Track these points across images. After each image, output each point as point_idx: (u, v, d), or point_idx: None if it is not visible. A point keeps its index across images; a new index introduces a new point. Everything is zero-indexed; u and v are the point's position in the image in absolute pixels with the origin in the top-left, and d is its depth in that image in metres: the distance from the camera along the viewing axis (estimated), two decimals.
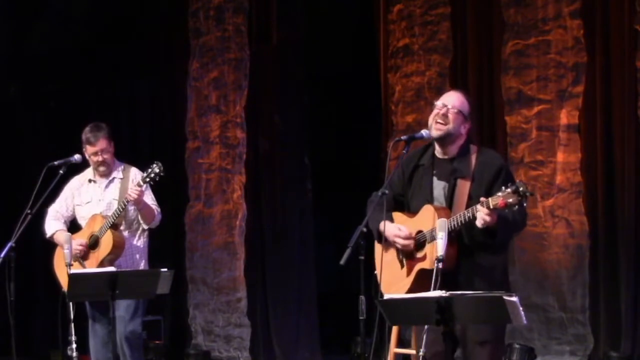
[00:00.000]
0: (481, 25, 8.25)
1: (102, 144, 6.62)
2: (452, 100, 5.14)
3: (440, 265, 4.78)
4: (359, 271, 4.99)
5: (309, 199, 9.18)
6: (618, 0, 7.60)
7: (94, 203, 6.69)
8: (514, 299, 4.30)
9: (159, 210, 6.68)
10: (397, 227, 5.13)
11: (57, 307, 6.36)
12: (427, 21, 8.49)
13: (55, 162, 6.51)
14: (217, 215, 9.35)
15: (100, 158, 6.63)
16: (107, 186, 6.69)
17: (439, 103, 5.15)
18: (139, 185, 6.37)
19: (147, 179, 6.36)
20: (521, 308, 4.32)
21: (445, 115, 5.08)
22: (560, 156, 7.81)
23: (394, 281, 5.15)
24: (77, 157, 6.58)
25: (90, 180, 6.75)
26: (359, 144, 9.28)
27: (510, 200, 4.67)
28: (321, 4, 9.25)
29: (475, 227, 4.87)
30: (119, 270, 6.18)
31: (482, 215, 4.76)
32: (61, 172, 6.48)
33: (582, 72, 7.73)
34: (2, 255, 6.04)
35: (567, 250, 7.78)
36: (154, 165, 6.38)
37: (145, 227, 6.66)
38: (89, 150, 6.66)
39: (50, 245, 6.93)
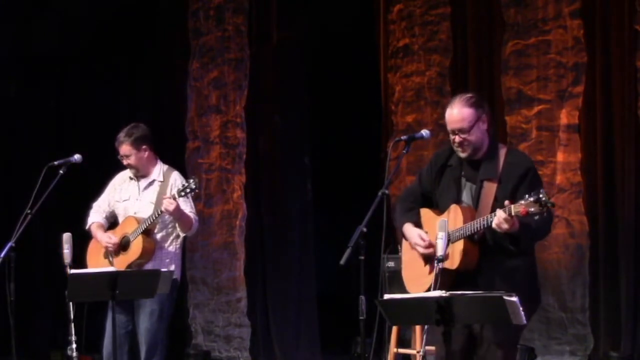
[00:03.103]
0: (481, 25, 8.25)
1: (124, 149, 6.59)
2: (458, 124, 5.02)
3: (440, 265, 4.78)
4: (359, 271, 4.99)
5: (309, 199, 9.18)
6: (618, 0, 7.60)
7: (131, 202, 6.67)
8: (514, 299, 4.31)
9: (196, 218, 6.62)
10: (419, 236, 5.12)
11: (57, 307, 6.36)
12: (427, 21, 8.50)
13: (55, 162, 6.49)
14: (217, 215, 9.35)
15: (125, 162, 6.63)
16: (146, 187, 6.65)
17: (449, 128, 5.05)
18: (174, 198, 6.33)
19: (182, 194, 6.34)
20: (521, 308, 4.33)
21: (462, 143, 5.03)
22: (560, 156, 7.82)
23: (416, 278, 5.17)
24: (77, 157, 6.57)
25: (131, 178, 6.74)
26: (359, 144, 9.27)
27: (532, 209, 4.65)
28: (321, 4, 9.25)
29: (499, 232, 4.86)
30: (118, 270, 6.18)
31: (498, 218, 4.74)
32: (61, 172, 6.46)
33: (582, 72, 7.74)
34: (2, 255, 6.03)
35: (567, 250, 7.78)
36: (191, 180, 6.34)
37: (182, 234, 6.62)
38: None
39: (50, 245, 6.93)
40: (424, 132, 5.25)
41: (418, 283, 5.13)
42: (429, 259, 5.12)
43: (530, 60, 7.96)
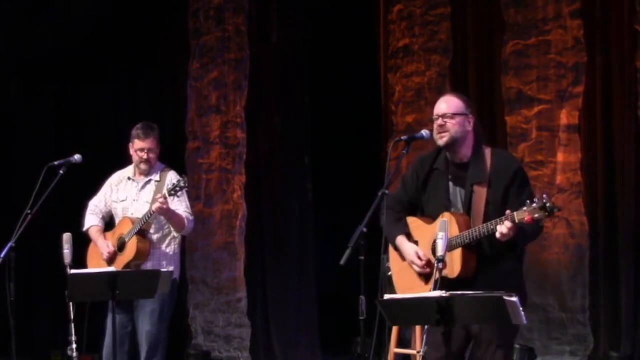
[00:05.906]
0: (481, 25, 8.26)
1: (151, 142, 6.58)
2: (442, 108, 5.08)
3: (441, 265, 4.77)
4: (359, 271, 4.98)
5: (309, 199, 9.18)
6: (618, 0, 7.60)
7: (128, 202, 6.67)
8: (514, 299, 4.31)
9: (191, 218, 6.60)
10: (416, 253, 5.11)
11: (57, 307, 6.34)
12: (427, 21, 8.50)
13: (55, 162, 6.49)
14: (217, 215, 9.36)
15: (145, 155, 6.59)
16: (143, 187, 6.66)
17: (434, 113, 5.11)
18: (165, 198, 6.33)
19: (172, 192, 6.34)
20: (521, 308, 4.33)
21: (442, 126, 5.05)
22: (560, 156, 7.81)
23: (412, 287, 5.13)
24: (77, 157, 6.56)
25: (129, 178, 6.73)
26: (359, 144, 9.27)
27: (537, 215, 4.69)
28: (321, 4, 9.25)
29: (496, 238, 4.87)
30: (118, 270, 6.19)
31: (502, 229, 4.77)
32: (61, 172, 6.45)
33: (582, 72, 7.74)
34: (2, 255, 6.03)
35: (567, 250, 7.78)
36: (180, 179, 6.35)
37: (176, 234, 6.63)
38: (136, 144, 6.61)
39: (50, 245, 6.92)
40: (424, 132, 5.23)
41: (415, 292, 5.10)
42: (423, 273, 5.12)
43: (530, 60, 7.96)
